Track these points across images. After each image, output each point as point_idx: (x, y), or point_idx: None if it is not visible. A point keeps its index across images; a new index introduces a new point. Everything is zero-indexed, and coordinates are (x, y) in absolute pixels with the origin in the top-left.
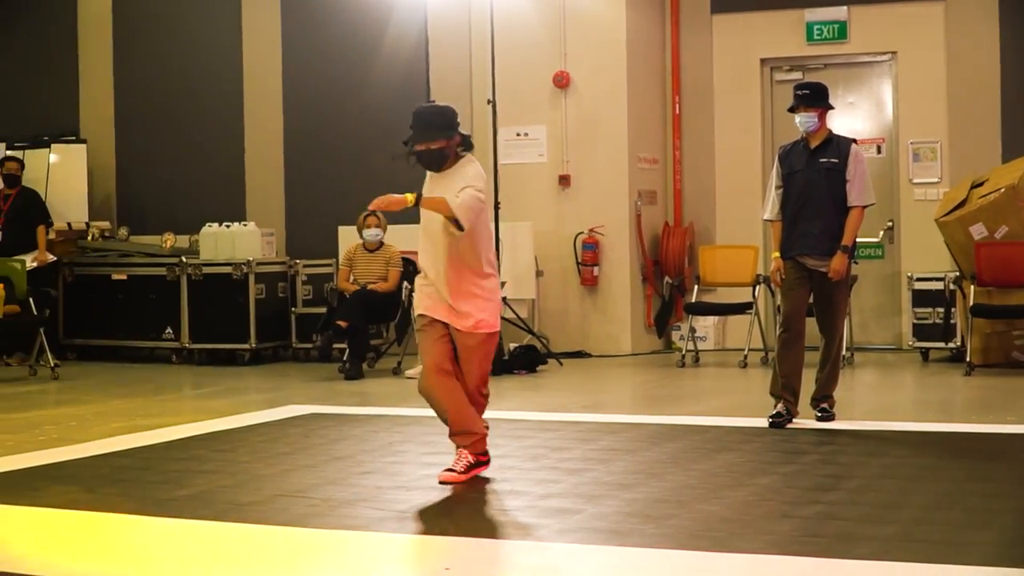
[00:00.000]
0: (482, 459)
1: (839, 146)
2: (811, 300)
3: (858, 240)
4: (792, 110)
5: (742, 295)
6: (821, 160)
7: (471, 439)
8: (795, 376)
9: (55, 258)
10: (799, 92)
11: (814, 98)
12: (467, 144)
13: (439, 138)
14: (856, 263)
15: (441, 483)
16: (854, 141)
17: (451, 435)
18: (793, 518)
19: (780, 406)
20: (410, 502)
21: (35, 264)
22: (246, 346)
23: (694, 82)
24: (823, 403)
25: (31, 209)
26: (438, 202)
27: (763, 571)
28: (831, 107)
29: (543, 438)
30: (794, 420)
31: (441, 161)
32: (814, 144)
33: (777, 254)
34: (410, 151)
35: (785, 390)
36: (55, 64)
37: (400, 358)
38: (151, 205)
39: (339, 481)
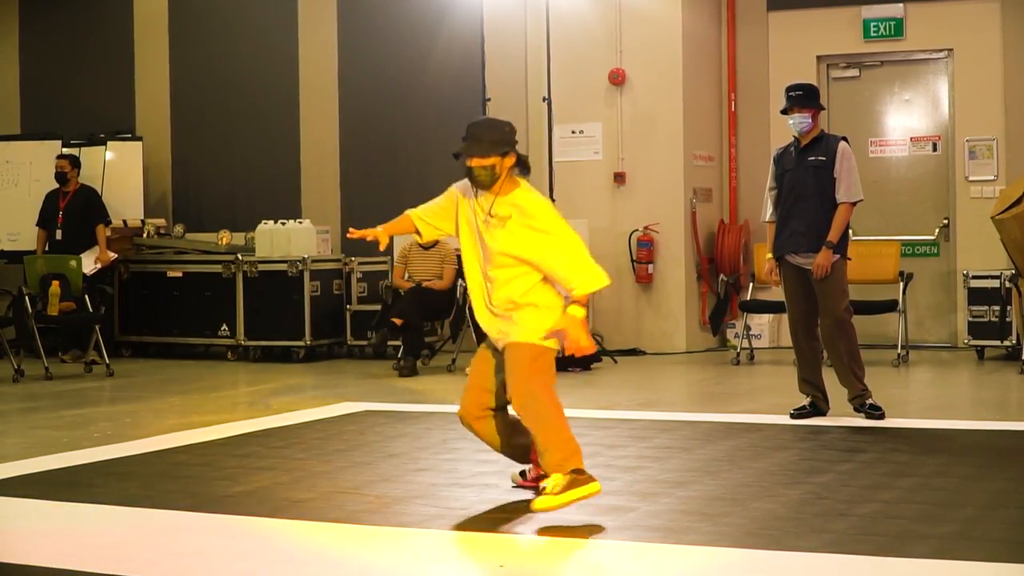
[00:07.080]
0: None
1: (827, 144)
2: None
3: (914, 239)
4: (785, 112)
5: None
6: (809, 159)
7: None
8: (814, 373)
9: (116, 256)
10: (792, 94)
11: (806, 99)
12: (523, 167)
13: (492, 154)
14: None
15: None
16: (844, 138)
17: None
18: (849, 516)
19: (806, 400)
20: (464, 499)
21: (98, 265)
22: (301, 343)
23: (750, 79)
24: (862, 400)
25: (89, 207)
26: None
27: (820, 570)
28: (823, 107)
29: (597, 436)
30: (825, 416)
31: (492, 181)
32: (804, 143)
33: (770, 255)
34: (461, 163)
35: (807, 386)
36: (111, 62)
37: (454, 355)
38: (207, 202)
39: (394, 478)
